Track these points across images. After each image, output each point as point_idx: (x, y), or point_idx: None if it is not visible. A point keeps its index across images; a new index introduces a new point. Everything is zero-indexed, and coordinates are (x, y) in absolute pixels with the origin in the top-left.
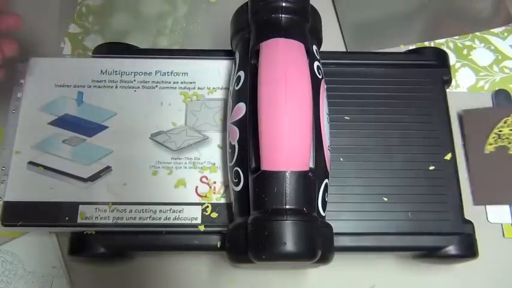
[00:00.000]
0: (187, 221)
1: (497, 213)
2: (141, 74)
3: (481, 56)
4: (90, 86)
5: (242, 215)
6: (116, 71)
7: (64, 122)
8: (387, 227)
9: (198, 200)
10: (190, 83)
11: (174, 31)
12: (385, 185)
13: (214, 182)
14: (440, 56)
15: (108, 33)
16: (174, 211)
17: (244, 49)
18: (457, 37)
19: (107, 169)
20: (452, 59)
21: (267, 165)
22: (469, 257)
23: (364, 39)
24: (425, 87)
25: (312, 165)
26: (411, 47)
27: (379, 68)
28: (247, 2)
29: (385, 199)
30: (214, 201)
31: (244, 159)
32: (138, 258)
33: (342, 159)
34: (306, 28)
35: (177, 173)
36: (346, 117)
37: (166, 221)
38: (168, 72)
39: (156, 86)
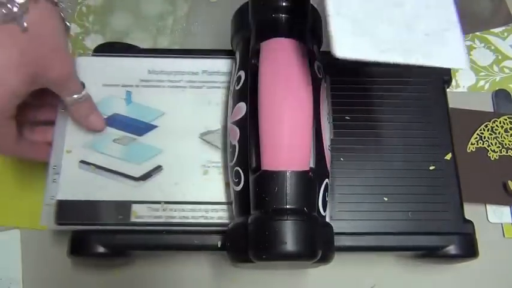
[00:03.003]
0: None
1: (497, 213)
2: (188, 73)
3: (481, 56)
4: (138, 86)
5: (242, 215)
6: (163, 71)
7: (114, 121)
8: (387, 227)
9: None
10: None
11: (175, 31)
12: (385, 185)
13: None
14: None
15: (108, 33)
16: (225, 210)
17: (245, 49)
18: None
19: (158, 168)
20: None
21: (267, 165)
22: (469, 257)
23: None
24: (425, 87)
25: (312, 165)
26: None
27: (379, 67)
28: (247, 2)
29: (385, 199)
30: None
31: (245, 159)
32: (139, 258)
33: (342, 159)
34: (306, 28)
35: (228, 172)
36: (346, 117)
37: (219, 221)
38: (214, 72)
39: (203, 86)
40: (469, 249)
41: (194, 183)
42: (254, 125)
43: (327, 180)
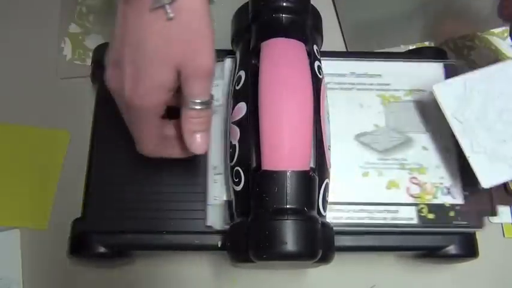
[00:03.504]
0: (403, 221)
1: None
2: (336, 75)
3: (481, 56)
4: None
5: (243, 215)
6: (367, 74)
7: None
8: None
9: (411, 200)
10: (385, 84)
11: None
12: None
13: (425, 183)
14: (440, 56)
15: (109, 33)
16: (389, 211)
17: (245, 49)
18: (457, 37)
19: None
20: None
21: (267, 164)
22: (469, 257)
23: (364, 39)
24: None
25: (312, 164)
26: (411, 47)
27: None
28: (247, 2)
29: None
30: (428, 202)
31: (245, 159)
32: (139, 258)
33: None
34: (306, 28)
35: (387, 174)
36: None
37: (383, 221)
38: (362, 74)
39: (353, 88)
40: (469, 249)
41: (355, 185)
42: (254, 125)
43: (327, 180)
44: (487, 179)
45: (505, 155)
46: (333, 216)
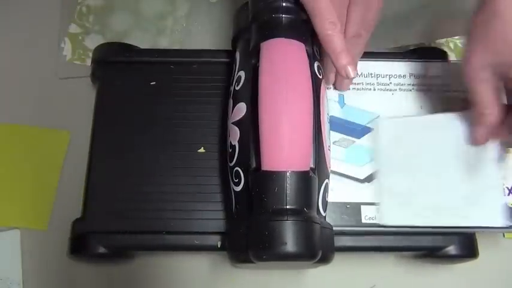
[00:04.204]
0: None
1: None
2: (395, 76)
3: None
4: (349, 88)
5: (242, 215)
6: (371, 74)
7: (331, 123)
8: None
9: None
10: (444, 85)
11: (175, 31)
12: None
13: None
14: (440, 56)
15: (108, 33)
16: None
17: (245, 49)
18: (457, 37)
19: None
20: (452, 59)
21: (267, 165)
22: (469, 257)
23: None
24: None
25: (312, 165)
26: (411, 47)
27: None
28: (247, 2)
29: None
30: None
31: (245, 159)
32: (139, 258)
33: None
34: (306, 28)
35: None
36: None
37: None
38: (421, 75)
39: (412, 89)
40: (469, 249)
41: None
42: (254, 125)
43: (327, 180)
44: (388, 218)
45: (418, 202)
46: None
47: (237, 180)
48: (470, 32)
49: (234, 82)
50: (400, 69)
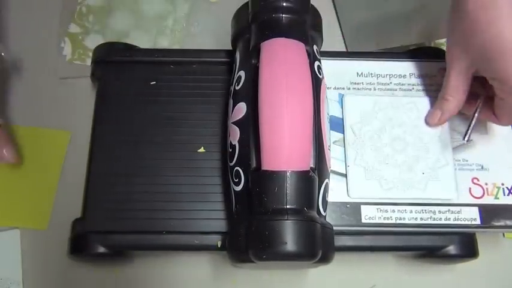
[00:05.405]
0: (466, 222)
1: None
2: (395, 76)
3: None
4: (349, 88)
5: (242, 215)
6: (371, 73)
7: (331, 123)
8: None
9: (473, 201)
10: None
11: (175, 31)
12: None
13: (486, 184)
14: (440, 56)
15: (108, 33)
16: (452, 212)
17: (245, 49)
18: None
19: None
20: None
21: (267, 165)
22: (469, 257)
23: (364, 39)
24: None
25: (312, 164)
26: (411, 47)
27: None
28: (247, 2)
29: None
30: (488, 202)
31: (245, 159)
32: (138, 258)
33: None
34: (306, 28)
35: None
36: None
37: (446, 222)
38: (421, 75)
39: (412, 89)
40: (469, 249)
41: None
42: (254, 125)
43: (327, 180)
44: (356, 191)
45: (381, 175)
46: (396, 216)
47: (237, 180)
48: (449, 24)
49: (234, 82)
50: (400, 69)
